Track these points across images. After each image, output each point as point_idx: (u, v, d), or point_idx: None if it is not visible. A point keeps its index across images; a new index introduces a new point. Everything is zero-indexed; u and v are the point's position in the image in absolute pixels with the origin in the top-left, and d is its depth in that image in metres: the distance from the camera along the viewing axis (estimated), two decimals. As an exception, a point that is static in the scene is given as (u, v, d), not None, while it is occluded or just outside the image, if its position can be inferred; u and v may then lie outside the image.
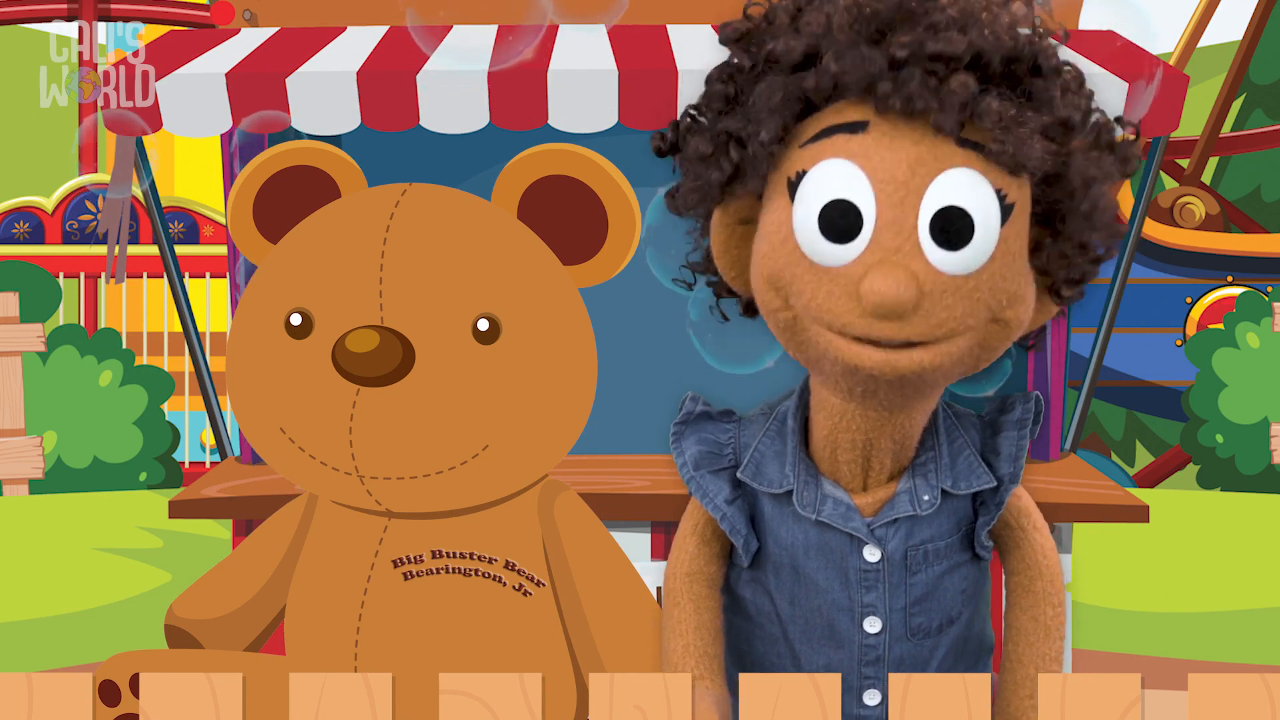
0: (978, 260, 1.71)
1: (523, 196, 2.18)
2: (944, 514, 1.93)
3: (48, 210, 7.17)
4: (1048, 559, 1.98)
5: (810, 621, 1.95)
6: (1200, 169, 8.16)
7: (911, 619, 1.94)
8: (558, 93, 3.64)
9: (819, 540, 1.93)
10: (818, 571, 1.93)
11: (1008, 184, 1.73)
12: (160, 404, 6.22)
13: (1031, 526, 1.99)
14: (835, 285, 1.73)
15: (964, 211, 1.70)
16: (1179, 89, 3.71)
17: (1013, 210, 1.73)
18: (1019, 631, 1.96)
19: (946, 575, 1.95)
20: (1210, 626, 4.58)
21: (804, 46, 1.76)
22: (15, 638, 4.46)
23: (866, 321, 1.71)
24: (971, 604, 1.99)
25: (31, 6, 7.74)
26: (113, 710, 2.13)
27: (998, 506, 1.94)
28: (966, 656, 2.00)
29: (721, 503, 1.97)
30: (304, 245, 2.18)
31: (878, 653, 1.94)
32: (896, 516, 1.91)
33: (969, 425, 1.96)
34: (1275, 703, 1.66)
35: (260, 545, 2.31)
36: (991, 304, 1.74)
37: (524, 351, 2.11)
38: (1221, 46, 8.71)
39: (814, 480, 1.92)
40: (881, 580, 1.92)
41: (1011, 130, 1.70)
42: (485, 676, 1.68)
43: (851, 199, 1.72)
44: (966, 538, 1.96)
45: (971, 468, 1.93)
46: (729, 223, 1.89)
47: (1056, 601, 1.96)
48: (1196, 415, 6.42)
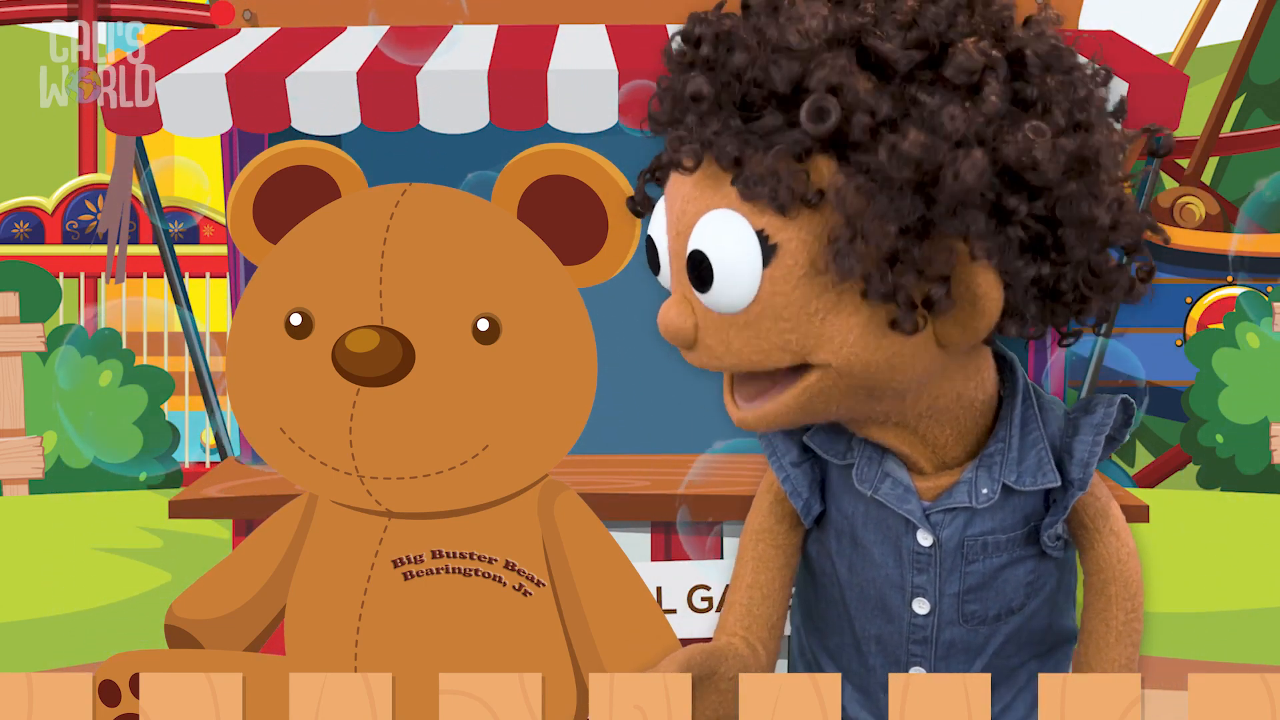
0: (732, 301, 1.71)
1: (523, 196, 2.18)
2: (1009, 508, 1.91)
3: (48, 210, 7.17)
4: (1123, 563, 1.94)
5: (865, 591, 1.95)
6: (1200, 169, 8.16)
7: (965, 605, 1.92)
8: (558, 93, 3.64)
9: (878, 515, 1.92)
10: (874, 545, 1.93)
11: (773, 224, 1.68)
12: (160, 404, 6.22)
13: (1109, 529, 1.96)
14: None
15: (703, 255, 1.72)
16: (1179, 89, 3.70)
17: (777, 250, 1.69)
18: (1089, 634, 1.94)
19: (1007, 567, 1.93)
20: (1210, 626, 4.58)
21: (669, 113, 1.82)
22: (15, 638, 4.46)
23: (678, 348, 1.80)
24: (1038, 596, 1.96)
25: (31, 6, 7.74)
26: (113, 710, 2.13)
27: (1063, 510, 1.91)
28: (1029, 647, 1.98)
29: (788, 464, 1.96)
30: (304, 245, 2.18)
31: (925, 633, 1.93)
32: (954, 506, 1.90)
33: (1052, 419, 1.92)
34: (1275, 703, 1.66)
35: (260, 545, 2.31)
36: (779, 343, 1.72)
37: (524, 351, 2.11)
38: (1221, 46, 8.71)
39: (877, 456, 1.91)
40: (934, 564, 1.91)
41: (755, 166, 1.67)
42: (485, 676, 1.68)
43: (654, 236, 1.82)
44: (1034, 533, 1.93)
45: (1040, 465, 1.90)
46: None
47: (1130, 607, 1.92)
48: (1196, 415, 6.42)
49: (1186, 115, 3.77)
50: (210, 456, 6.78)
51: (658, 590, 3.75)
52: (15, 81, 6.36)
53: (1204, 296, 6.88)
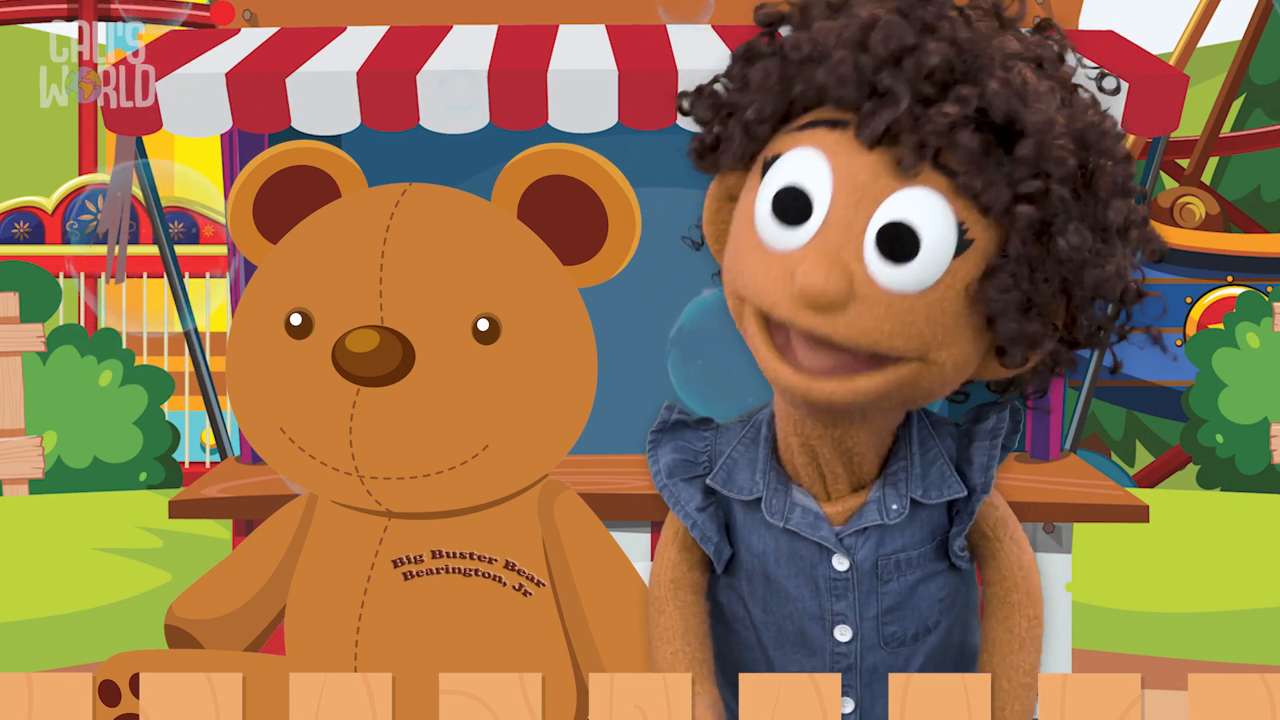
0: (917, 281, 1.70)
1: (523, 196, 2.18)
2: (917, 523, 1.92)
3: (48, 210, 7.17)
4: (1024, 570, 1.96)
5: (782, 628, 1.95)
6: (1200, 169, 8.16)
7: (884, 628, 1.93)
8: (558, 93, 3.64)
9: (789, 548, 1.93)
10: (788, 579, 1.93)
11: (973, 219, 1.71)
12: (160, 404, 6.22)
13: (1008, 537, 1.97)
14: (774, 266, 1.73)
15: (912, 229, 1.69)
16: (1179, 89, 3.70)
17: (970, 247, 1.72)
18: (993, 643, 1.95)
19: (921, 584, 1.94)
20: (1210, 626, 4.58)
21: (809, 47, 1.76)
22: (15, 638, 4.46)
23: (794, 307, 1.71)
24: (951, 613, 1.98)
25: (31, 6, 7.74)
26: (113, 710, 2.13)
27: (969, 516, 1.92)
28: (946, 665, 1.99)
29: (693, 510, 1.97)
30: (304, 245, 2.18)
31: (849, 660, 1.93)
32: (865, 525, 1.90)
33: (945, 434, 1.95)
34: (1275, 703, 1.66)
35: (260, 545, 2.31)
36: (925, 334, 1.72)
37: (524, 351, 2.11)
38: (1221, 46, 8.71)
39: (784, 488, 1.92)
40: (851, 589, 1.92)
41: (984, 169, 1.68)
42: (485, 676, 1.68)
43: (807, 187, 1.73)
44: (941, 547, 1.95)
45: (944, 477, 1.92)
46: (720, 194, 1.90)
47: (1032, 614, 1.94)
48: (1196, 415, 6.42)
49: (1186, 115, 3.77)
50: (210, 456, 6.78)
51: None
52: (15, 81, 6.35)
53: (1204, 296, 6.87)
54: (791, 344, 1.76)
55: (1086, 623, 4.11)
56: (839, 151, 1.73)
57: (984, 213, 1.70)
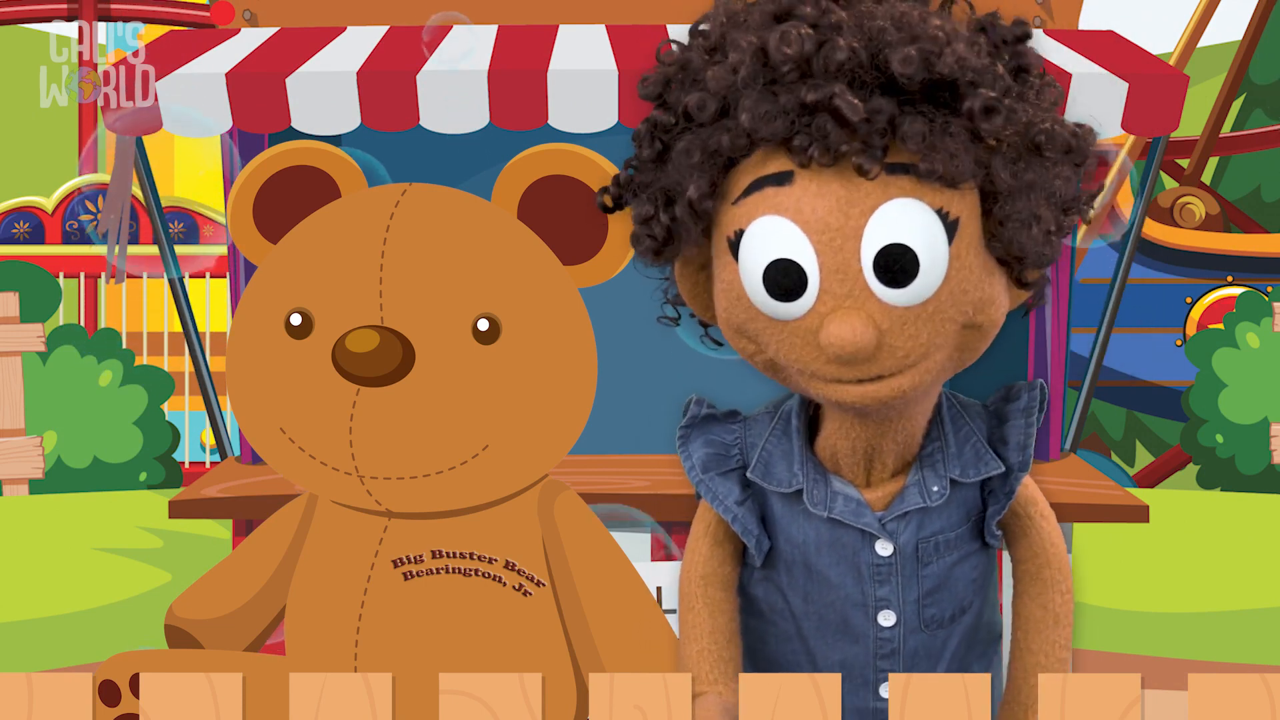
0: (930, 289, 1.71)
1: (523, 196, 2.18)
2: (953, 504, 1.94)
3: (48, 210, 7.17)
4: (1055, 547, 1.98)
5: (824, 617, 1.95)
6: (1200, 169, 8.15)
7: (925, 610, 1.94)
8: (558, 93, 3.64)
9: (830, 537, 1.93)
10: (830, 567, 1.94)
11: (948, 199, 1.71)
12: (160, 404, 6.22)
13: (1039, 515, 1.99)
14: (795, 336, 1.75)
15: (905, 247, 1.69)
16: (1179, 89, 3.70)
17: (958, 225, 1.72)
18: (1028, 619, 1.96)
19: (957, 566, 1.95)
20: (1210, 626, 4.58)
21: (715, 102, 1.75)
22: (15, 638, 4.46)
23: (834, 367, 1.73)
24: (981, 593, 1.99)
25: (31, 6, 7.74)
26: (113, 710, 2.13)
27: (1008, 495, 1.94)
28: (977, 645, 2.01)
29: (732, 504, 1.97)
30: (304, 245, 2.18)
31: (893, 645, 1.94)
32: (907, 510, 1.91)
33: (974, 414, 1.96)
34: (1275, 703, 1.66)
35: (260, 545, 2.31)
36: (958, 317, 1.74)
37: (524, 351, 2.11)
38: (1221, 46, 8.70)
39: (822, 478, 1.93)
40: (895, 574, 1.93)
41: (938, 147, 1.67)
42: (485, 676, 1.68)
43: (791, 256, 1.72)
44: (976, 527, 1.96)
45: (979, 455, 1.93)
46: (690, 272, 1.93)
47: (1065, 589, 1.96)
48: (1196, 415, 6.42)
49: (1186, 115, 3.76)
50: (210, 456, 6.78)
51: (658, 590, 3.74)
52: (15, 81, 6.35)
53: (1204, 296, 6.87)
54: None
55: (1086, 623, 4.11)
56: (799, 206, 1.71)
57: (952, 185, 1.70)
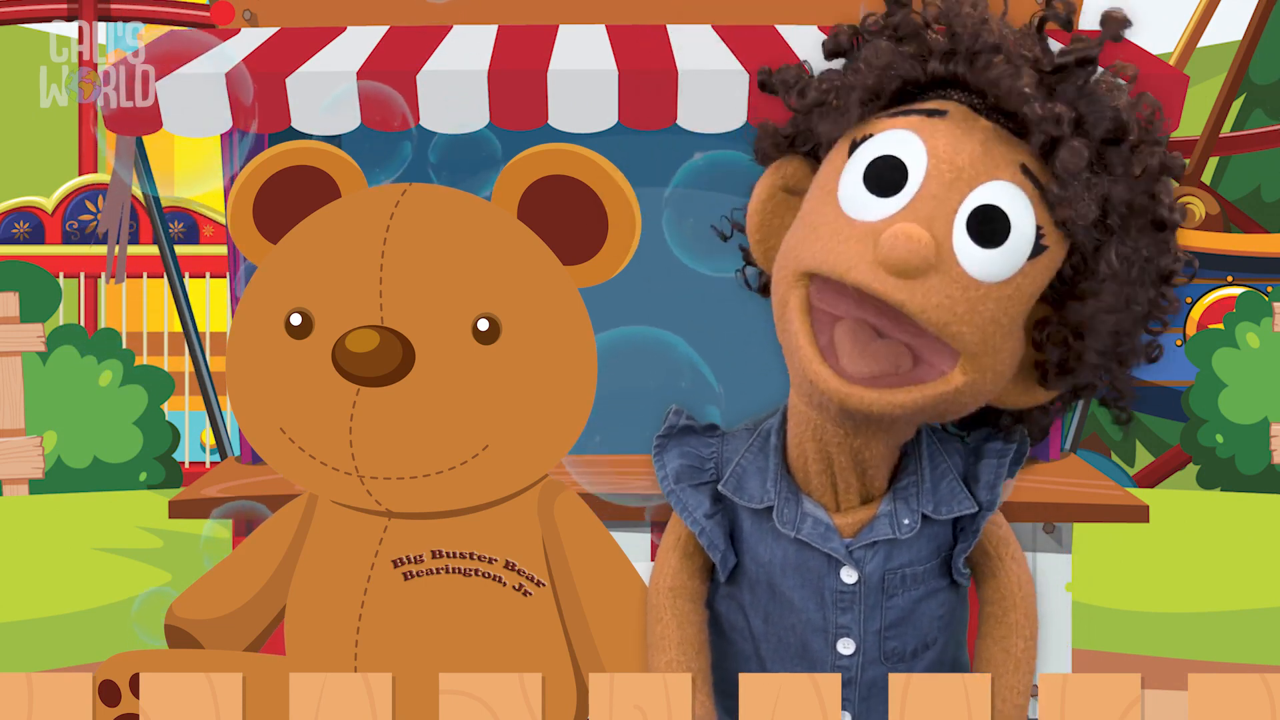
0: (998, 270, 1.71)
1: (523, 196, 2.18)
2: (924, 539, 1.92)
3: (48, 210, 7.17)
4: (1023, 590, 1.96)
5: (783, 640, 1.94)
6: (1200, 169, 8.16)
7: (886, 643, 1.92)
8: (558, 93, 3.64)
9: (797, 559, 1.92)
10: (794, 590, 1.92)
11: (1049, 228, 1.73)
12: (160, 404, 6.23)
13: (1010, 557, 1.97)
14: (856, 234, 1.72)
15: (1005, 214, 1.70)
16: (1179, 89, 3.70)
17: (1042, 254, 1.73)
18: (989, 662, 1.94)
19: (923, 600, 1.94)
20: (1210, 626, 4.58)
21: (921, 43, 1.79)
22: (15, 638, 4.46)
23: (872, 271, 1.69)
24: (947, 631, 1.97)
25: (31, 6, 7.74)
26: (113, 710, 2.13)
27: (974, 533, 1.92)
28: None
29: (701, 517, 1.96)
30: (304, 245, 2.18)
31: (850, 674, 1.92)
32: (876, 539, 1.90)
33: (953, 450, 1.95)
34: (1275, 703, 1.66)
35: (260, 545, 2.31)
36: (989, 328, 1.72)
37: (524, 351, 2.11)
38: (1221, 46, 8.71)
39: (794, 498, 1.92)
40: (857, 602, 1.91)
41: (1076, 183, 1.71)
42: (485, 676, 1.68)
43: (905, 159, 1.73)
44: (945, 563, 1.94)
45: (954, 493, 1.92)
46: (774, 184, 1.90)
47: (1028, 634, 1.94)
48: (1196, 415, 6.42)
49: (1186, 115, 3.76)
50: (210, 456, 6.78)
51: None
52: (15, 81, 6.36)
53: (1204, 296, 6.88)
54: (834, 347, 1.75)
55: (1086, 623, 4.11)
56: (936, 135, 1.74)
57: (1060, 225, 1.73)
